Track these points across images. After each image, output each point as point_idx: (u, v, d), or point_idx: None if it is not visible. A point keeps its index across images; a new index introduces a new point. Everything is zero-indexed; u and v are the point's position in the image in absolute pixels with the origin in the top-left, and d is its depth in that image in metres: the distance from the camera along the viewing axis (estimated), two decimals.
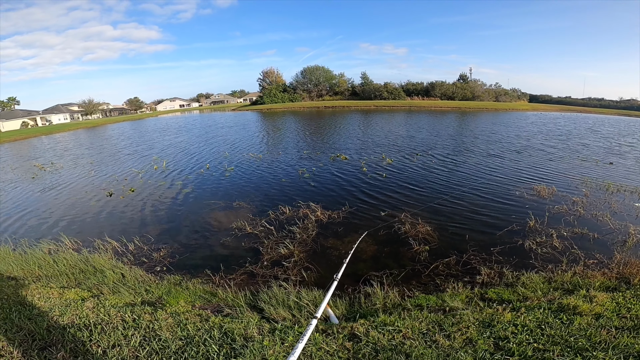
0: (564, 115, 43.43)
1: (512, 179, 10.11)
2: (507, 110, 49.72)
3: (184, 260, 5.70)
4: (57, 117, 69.05)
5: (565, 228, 6.29)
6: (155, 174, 12.39)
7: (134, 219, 7.86)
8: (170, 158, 15.73)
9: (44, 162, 17.04)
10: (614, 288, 3.91)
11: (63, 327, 3.17)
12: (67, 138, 32.97)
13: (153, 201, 9.08)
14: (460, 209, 7.56)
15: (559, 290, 3.97)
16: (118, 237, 6.56)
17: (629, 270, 4.30)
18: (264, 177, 11.07)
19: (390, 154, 14.27)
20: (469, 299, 3.87)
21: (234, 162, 13.72)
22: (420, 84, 71.31)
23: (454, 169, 11.64)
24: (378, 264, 5.23)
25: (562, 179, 10.21)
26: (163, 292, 4.34)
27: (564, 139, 19.38)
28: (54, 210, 8.84)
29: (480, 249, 5.54)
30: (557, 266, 4.83)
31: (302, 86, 73.10)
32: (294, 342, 2.93)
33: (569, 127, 26.86)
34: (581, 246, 5.56)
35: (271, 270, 5.14)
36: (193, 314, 3.56)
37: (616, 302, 3.38)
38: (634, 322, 2.94)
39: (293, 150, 16.24)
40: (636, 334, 2.75)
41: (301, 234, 6.29)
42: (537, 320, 3.09)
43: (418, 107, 55.17)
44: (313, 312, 3.71)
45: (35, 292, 4.16)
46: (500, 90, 70.63)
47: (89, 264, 5.23)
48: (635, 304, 3.29)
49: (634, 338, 2.68)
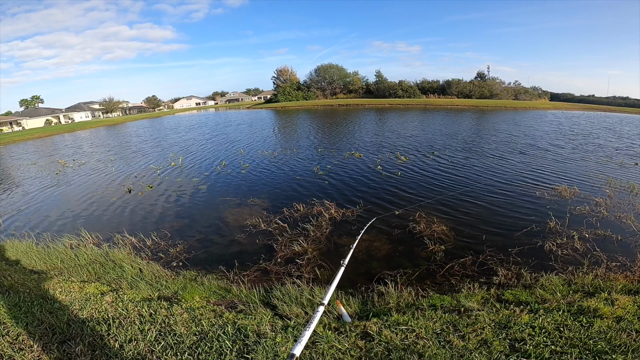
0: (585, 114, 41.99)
1: (532, 179, 9.83)
2: (527, 109, 48.36)
3: (199, 256, 5.79)
4: (79, 115, 71.34)
5: (587, 229, 6.07)
6: (173, 171, 12.64)
7: (152, 215, 8.04)
8: (187, 155, 16.02)
9: (67, 159, 17.63)
10: (636, 291, 3.75)
11: (82, 321, 3.23)
12: (89, 135, 34.02)
13: (170, 197, 9.27)
14: (477, 209, 7.40)
15: (579, 292, 3.84)
16: (136, 232, 6.70)
17: None
18: (279, 175, 11.14)
19: (405, 153, 14.11)
20: (484, 299, 3.78)
21: (249, 160, 13.86)
22: (436, 82, 70.12)
23: (471, 168, 11.41)
24: (392, 263, 5.18)
25: (585, 179, 9.85)
26: (179, 287, 4.41)
27: (585, 138, 18.73)
28: (76, 206, 9.13)
29: (497, 250, 5.41)
30: (577, 268, 4.66)
31: (316, 84, 73.09)
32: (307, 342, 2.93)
33: (591, 126, 25.92)
34: (604, 248, 5.36)
35: (284, 268, 5.16)
36: (207, 310, 3.59)
37: (638, 306, 3.25)
38: None
39: (307, 148, 16.27)
40: None
41: (315, 231, 6.29)
42: (555, 322, 2.99)
43: (434, 105, 54.32)
44: (326, 309, 3.71)
45: (57, 285, 4.25)
46: (520, 88, 68.84)
47: (108, 258, 5.36)
48: None
49: None
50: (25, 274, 4.78)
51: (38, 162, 17.88)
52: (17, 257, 5.57)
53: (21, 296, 3.73)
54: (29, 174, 14.48)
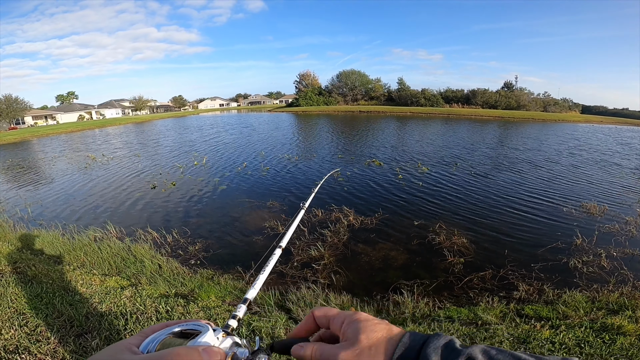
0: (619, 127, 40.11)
1: (559, 195, 9.49)
2: (557, 122, 46.74)
3: (217, 256, 5.89)
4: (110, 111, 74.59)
5: (615, 248, 5.81)
6: (195, 170, 12.99)
7: (173, 212, 8.27)
8: (210, 155, 16.41)
9: (96, 153, 18.42)
10: None
11: (101, 314, 3.26)
12: (118, 131, 35.43)
13: (192, 195, 9.52)
14: (500, 223, 7.22)
15: (602, 310, 3.69)
16: (158, 228, 6.89)
17: None
18: (298, 179, 11.24)
19: (427, 163, 13.93)
20: (503, 314, 3.69)
21: (269, 162, 14.06)
22: (461, 91, 69.09)
23: (496, 181, 11.13)
24: (409, 273, 5.13)
25: (615, 196, 9.43)
26: (196, 285, 4.47)
27: (618, 154, 17.90)
28: (102, 199, 9.52)
29: (519, 265, 5.26)
30: (603, 286, 4.48)
31: (338, 90, 73.39)
32: None
33: (627, 141, 24.75)
34: (631, 267, 5.12)
35: (300, 272, 5.20)
36: (223, 309, 3.64)
37: None
38: None
39: (327, 154, 16.34)
40: None
41: (332, 237, 6.31)
42: (576, 338, 2.91)
43: (457, 115, 53.36)
44: None
45: (79, 278, 4.30)
46: (549, 99, 66.78)
47: (130, 252, 5.47)
48: None
49: None
50: (49, 265, 4.86)
51: (69, 155, 18.78)
52: (41, 247, 5.73)
53: (44, 287, 3.78)
54: (60, 166, 15.22)
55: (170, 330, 0.56)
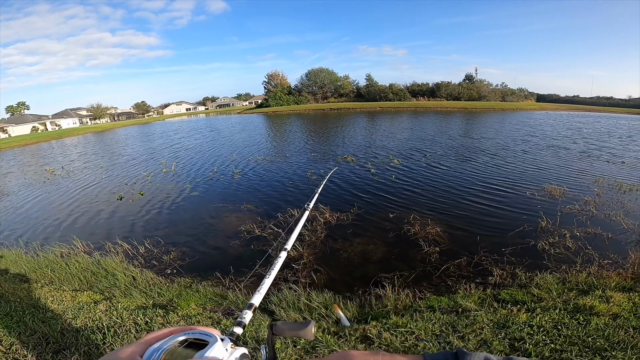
0: (571, 114, 42.94)
1: (522, 179, 10.00)
2: (514, 110, 49.29)
3: (193, 263, 5.72)
4: (67, 121, 70.23)
5: (578, 228, 6.18)
6: (165, 178, 12.50)
7: (144, 222, 7.92)
8: (179, 161, 15.86)
9: (55, 167, 17.30)
10: (629, 288, 3.81)
11: (77, 329, 3.18)
12: (77, 142, 33.47)
13: (162, 204, 9.15)
14: (470, 210, 7.49)
15: (573, 290, 3.89)
16: (129, 240, 6.60)
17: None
18: (272, 180, 11.10)
19: (398, 155, 14.22)
20: (481, 300, 3.81)
21: (241, 165, 13.78)
22: (426, 85, 71.19)
23: (462, 169, 11.54)
24: (388, 266, 5.19)
25: (573, 178, 10.06)
26: (174, 294, 4.36)
27: (572, 138, 19.16)
28: (66, 214, 8.96)
29: (491, 250, 5.46)
30: (571, 267, 4.74)
31: (307, 88, 73.38)
32: (305, 345, 2.92)
33: (578, 126, 26.55)
34: (595, 246, 5.46)
35: (280, 273, 5.12)
36: (204, 317, 3.56)
37: (633, 302, 3.30)
38: None
39: (300, 153, 16.27)
40: None
41: (310, 236, 6.28)
42: (553, 320, 3.03)
43: (424, 107, 54.97)
44: (324, 313, 3.70)
45: (48, 294, 4.18)
46: (507, 90, 70.26)
47: (100, 266, 5.26)
48: None
49: None
50: (15, 283, 4.69)
51: (25, 169, 17.51)
52: (5, 266, 5.46)
53: (12, 305, 3.66)
54: (16, 181, 14.16)
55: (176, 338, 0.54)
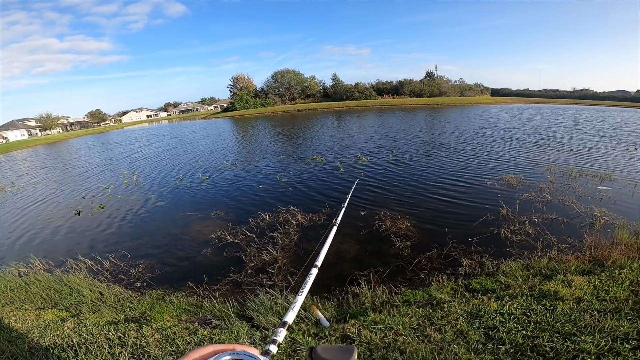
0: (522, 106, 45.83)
1: (482, 171, 10.54)
2: (472, 105, 51.80)
3: (164, 275, 5.52)
4: (14, 133, 64.87)
5: (536, 214, 6.59)
6: (126, 189, 11.88)
7: (106, 236, 7.49)
8: (141, 171, 15.13)
9: (4, 183, 15.91)
10: (589, 271, 4.06)
11: (46, 348, 3.07)
12: (27, 155, 31.03)
13: (126, 216, 8.70)
14: (437, 203, 7.77)
15: (537, 276, 4.11)
16: (91, 255, 6.27)
17: (601, 253, 4.49)
18: (242, 185, 10.88)
19: (366, 153, 14.46)
20: (454, 291, 3.96)
21: (209, 172, 13.39)
22: (390, 83, 72.99)
23: (428, 164, 11.96)
24: (362, 264, 5.26)
25: (528, 167, 10.74)
26: (146, 307, 4.22)
27: (523, 129, 20.47)
28: (20, 232, 8.27)
29: (459, 241, 5.69)
30: (533, 252, 5.02)
31: (274, 90, 72.76)
32: (286, 349, 2.89)
33: (528, 118, 28.39)
34: (553, 231, 5.83)
35: (256, 278, 5.05)
36: (180, 328, 3.46)
37: (594, 286, 3.52)
38: (614, 305, 3.06)
39: (269, 156, 16.09)
40: (619, 316, 2.86)
41: (283, 239, 6.23)
42: (521, 307, 3.18)
43: (389, 105, 56.35)
44: (303, 315, 3.67)
45: (11, 314, 3.98)
46: (464, 85, 73.65)
47: (63, 284, 5.01)
48: (612, 287, 3.43)
49: (617, 320, 2.78)
50: None
51: None
52: None
53: None
54: None
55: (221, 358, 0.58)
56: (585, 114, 32.89)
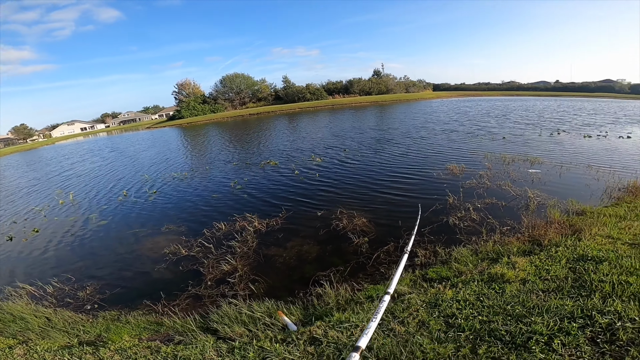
0: (460, 99, 49.35)
1: (427, 162, 11.21)
2: (417, 100, 54.74)
3: (116, 295, 5.19)
4: None
5: (478, 200, 7.13)
6: (62, 209, 10.81)
7: (45, 260, 6.83)
8: (78, 189, 13.83)
9: None
10: (529, 251, 4.38)
11: None
12: None
13: (63, 238, 7.93)
14: (388, 197, 8.08)
15: (485, 260, 4.38)
16: (31, 281, 5.73)
17: (538, 232, 4.92)
18: (193, 196, 10.41)
19: (320, 154, 14.62)
20: (412, 281, 4.13)
21: (156, 185, 12.61)
22: (340, 83, 74.42)
23: (379, 159, 12.40)
24: (324, 264, 5.32)
25: (468, 156, 11.60)
26: (101, 329, 3.99)
27: (460, 121, 22.07)
28: None
29: None
30: (479, 237, 5.39)
31: (223, 95, 70.49)
32: (255, 357, 2.85)
33: (465, 110, 30.64)
34: (494, 215, 6.33)
35: (217, 289, 4.90)
36: (141, 347, 3.31)
37: (535, 266, 3.78)
38: (556, 284, 3.30)
39: (221, 163, 15.58)
40: (562, 295, 3.08)
41: (241, 247, 6.09)
42: (474, 293, 3.36)
43: (340, 104, 57.49)
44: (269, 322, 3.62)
45: None
46: (409, 82, 77.36)
47: (4, 311, 4.64)
48: (551, 265, 3.72)
49: (561, 300, 2.99)
50: None
51: None
52: None
53: None
54: None
55: None
56: (513, 104, 36.28)
